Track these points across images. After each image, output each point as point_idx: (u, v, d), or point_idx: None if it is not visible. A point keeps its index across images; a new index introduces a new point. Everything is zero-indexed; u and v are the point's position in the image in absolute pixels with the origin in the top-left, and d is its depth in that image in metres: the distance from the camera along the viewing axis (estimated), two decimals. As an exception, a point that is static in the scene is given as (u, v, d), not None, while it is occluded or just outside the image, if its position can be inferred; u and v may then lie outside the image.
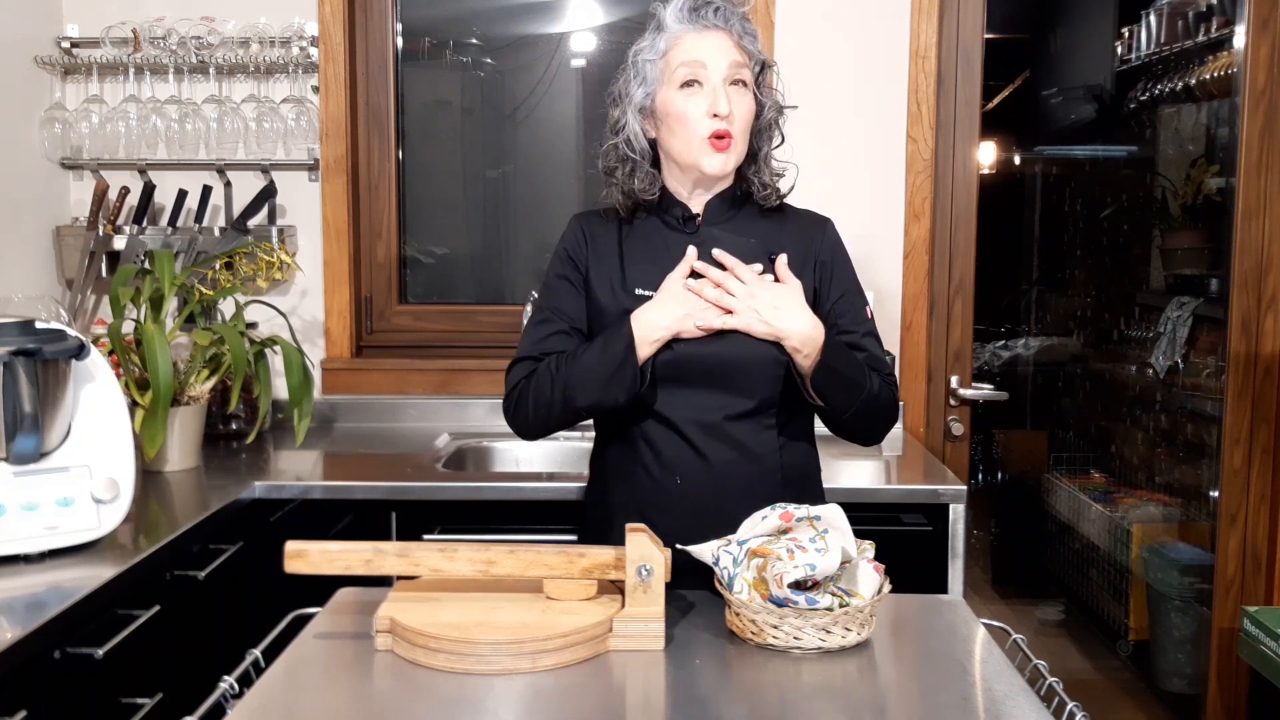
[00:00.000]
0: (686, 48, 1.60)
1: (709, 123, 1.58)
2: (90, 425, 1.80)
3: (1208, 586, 2.92)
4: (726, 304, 1.57)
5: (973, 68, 2.79)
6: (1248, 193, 2.73)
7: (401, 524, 2.23)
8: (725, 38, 1.60)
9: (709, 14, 1.60)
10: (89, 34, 2.78)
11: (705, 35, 1.60)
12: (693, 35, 1.60)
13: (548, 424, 1.65)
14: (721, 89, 1.58)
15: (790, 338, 1.57)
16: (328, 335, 2.86)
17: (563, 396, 1.60)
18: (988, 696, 1.26)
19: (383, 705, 1.23)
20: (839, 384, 1.60)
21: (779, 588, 1.33)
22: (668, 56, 1.61)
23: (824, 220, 1.73)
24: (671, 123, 1.61)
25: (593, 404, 1.60)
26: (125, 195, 2.73)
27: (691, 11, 1.61)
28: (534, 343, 1.67)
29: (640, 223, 1.69)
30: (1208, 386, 3.21)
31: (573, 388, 1.59)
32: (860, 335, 1.67)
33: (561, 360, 1.61)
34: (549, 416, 1.63)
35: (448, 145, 3.07)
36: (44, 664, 1.49)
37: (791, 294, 1.59)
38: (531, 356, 1.66)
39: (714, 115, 1.58)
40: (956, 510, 2.21)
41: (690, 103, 1.59)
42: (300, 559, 1.39)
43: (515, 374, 1.67)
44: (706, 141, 1.59)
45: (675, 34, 1.61)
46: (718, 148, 1.59)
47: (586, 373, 1.58)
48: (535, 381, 1.63)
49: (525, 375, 1.65)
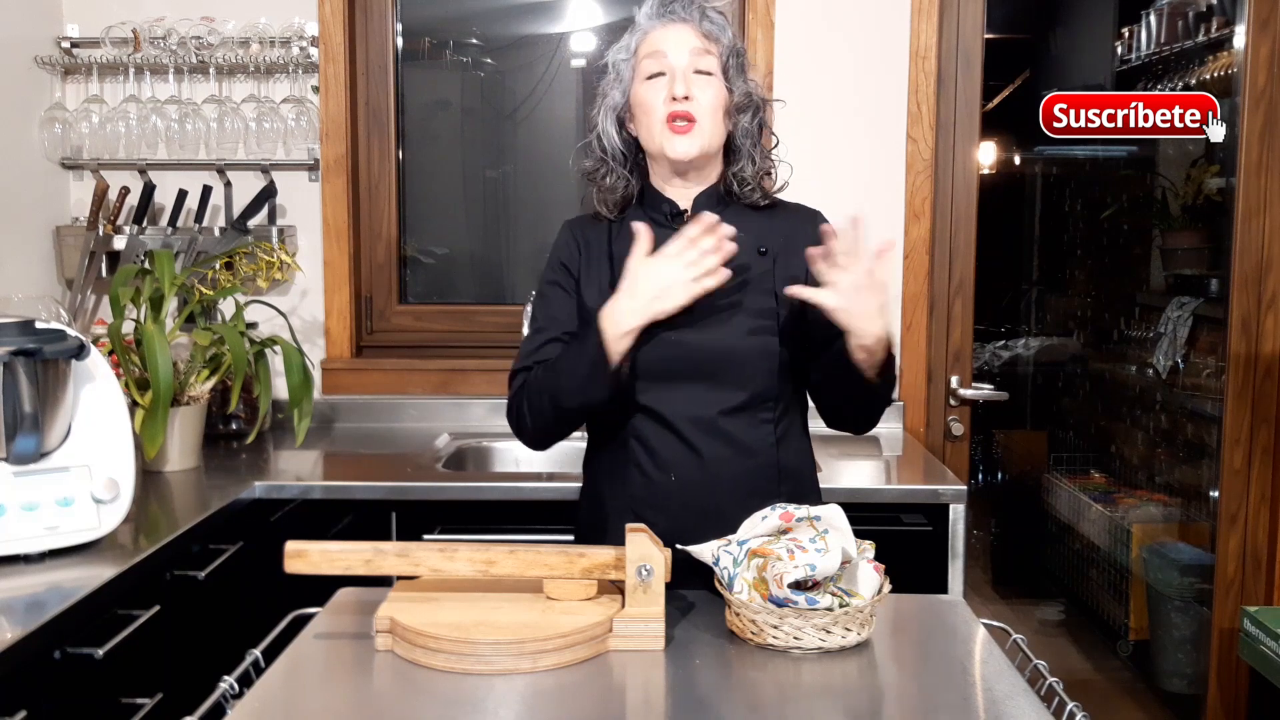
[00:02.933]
0: (651, 41, 1.64)
1: (667, 106, 1.60)
2: (90, 425, 1.80)
3: (1208, 586, 2.92)
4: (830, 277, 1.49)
5: (973, 68, 2.79)
6: (1248, 193, 2.73)
7: (401, 524, 2.23)
8: (688, 29, 1.63)
9: (676, 7, 1.65)
10: (89, 34, 2.78)
11: (669, 28, 1.64)
12: (658, 29, 1.64)
13: (548, 431, 1.66)
14: (681, 75, 1.60)
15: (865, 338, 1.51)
16: (328, 335, 2.86)
17: (551, 402, 1.60)
18: (988, 696, 1.26)
19: (383, 705, 1.23)
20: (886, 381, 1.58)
21: (779, 588, 1.33)
22: (637, 53, 1.65)
23: (815, 213, 1.73)
24: (639, 113, 1.65)
25: (579, 405, 1.60)
26: (125, 195, 2.73)
27: (660, 6, 1.65)
28: (528, 353, 1.67)
29: (628, 222, 1.69)
30: (1208, 386, 3.21)
31: (558, 392, 1.59)
32: None
33: (547, 367, 1.62)
34: (547, 424, 1.64)
35: (448, 145, 3.07)
36: (44, 664, 1.49)
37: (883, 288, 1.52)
38: (526, 368, 1.66)
39: (673, 99, 1.60)
40: (956, 510, 2.21)
41: (652, 91, 1.62)
42: (300, 559, 1.39)
43: (513, 386, 1.67)
44: (666, 125, 1.60)
45: (644, 31, 1.66)
46: (678, 130, 1.60)
47: (567, 376, 1.58)
48: (528, 391, 1.63)
49: (520, 386, 1.65)
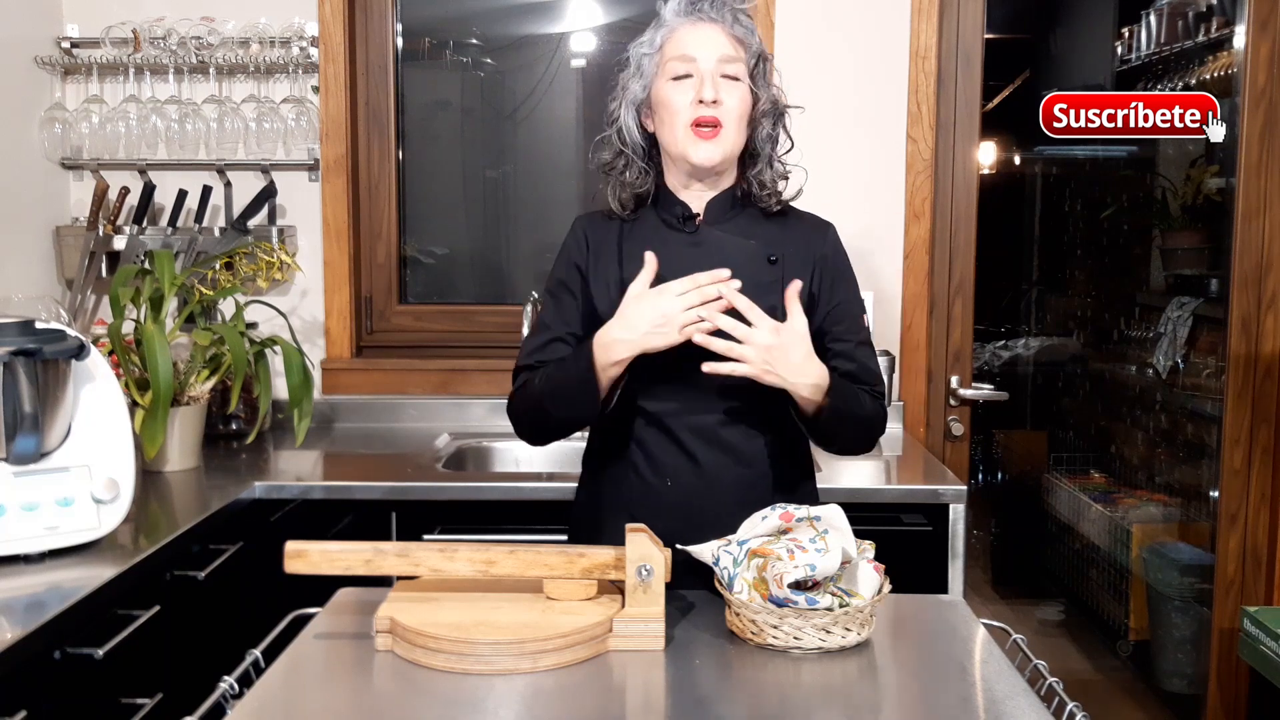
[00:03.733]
0: (679, 40, 1.61)
1: (694, 110, 1.58)
2: (90, 425, 1.79)
3: (1208, 586, 2.92)
4: (736, 352, 1.50)
5: (973, 68, 2.79)
6: (1248, 193, 2.73)
7: (401, 524, 2.23)
8: (718, 30, 1.61)
9: (705, 6, 1.62)
10: (89, 34, 2.78)
11: (698, 28, 1.61)
12: (686, 28, 1.61)
13: (544, 433, 1.67)
14: (709, 79, 1.58)
15: (799, 389, 1.53)
16: (328, 335, 2.86)
17: (541, 410, 1.61)
18: (988, 696, 1.26)
19: (383, 705, 1.23)
20: (839, 419, 1.57)
21: (779, 588, 1.33)
22: (662, 50, 1.62)
23: (827, 225, 1.72)
24: (662, 113, 1.62)
25: (568, 419, 1.62)
26: (125, 195, 2.73)
27: (689, 4, 1.62)
28: (529, 352, 1.68)
29: (640, 221, 1.69)
30: (1208, 386, 3.21)
31: (548, 402, 1.60)
32: (854, 345, 1.66)
33: (545, 375, 1.62)
34: (543, 427, 1.65)
35: (448, 145, 3.07)
36: (44, 664, 1.49)
37: (799, 340, 1.52)
38: (529, 366, 1.67)
39: (699, 102, 1.58)
40: (956, 510, 2.21)
41: (678, 92, 1.60)
42: (300, 559, 1.39)
43: (515, 383, 1.68)
44: (690, 129, 1.59)
45: (670, 27, 1.63)
46: (702, 135, 1.59)
47: (557, 389, 1.59)
48: (526, 392, 1.64)
49: (520, 385, 1.66)
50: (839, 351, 1.64)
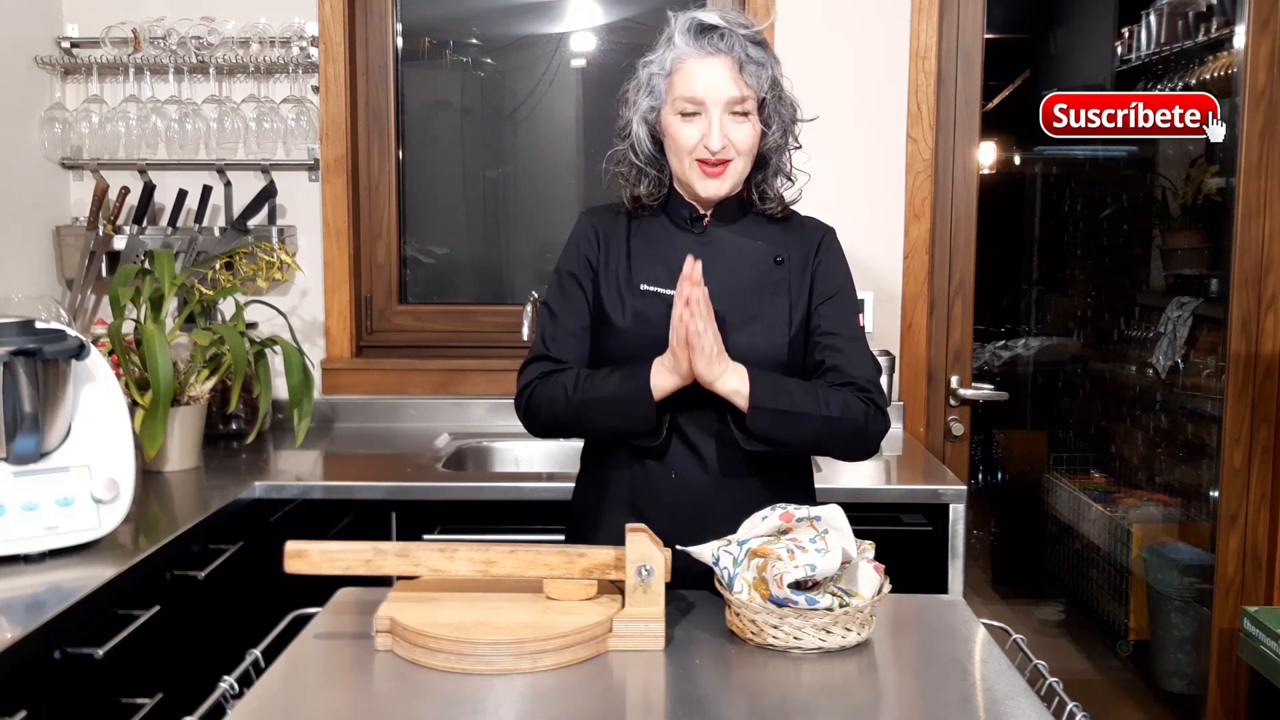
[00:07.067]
0: (688, 77, 1.57)
1: (702, 151, 1.59)
2: (90, 425, 1.80)
3: (1208, 586, 2.92)
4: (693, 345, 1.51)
5: (973, 68, 2.79)
6: (1248, 193, 2.73)
7: (401, 524, 2.23)
8: (727, 67, 1.56)
9: (715, 39, 1.57)
10: (89, 34, 2.78)
11: (707, 62, 1.57)
12: (695, 61, 1.57)
13: (558, 432, 1.69)
14: (718, 121, 1.57)
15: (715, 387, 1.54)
16: (328, 335, 2.86)
17: (577, 417, 1.61)
18: (988, 696, 1.26)
19: (383, 705, 1.23)
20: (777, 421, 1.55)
21: (779, 588, 1.33)
22: (671, 78, 1.60)
23: (828, 228, 1.73)
24: (669, 143, 1.63)
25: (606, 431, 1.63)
26: (125, 195, 2.73)
27: (699, 33, 1.58)
28: (544, 342, 1.68)
29: (649, 219, 1.69)
30: (1208, 386, 3.21)
31: (588, 413, 1.60)
32: (843, 339, 1.63)
33: (581, 381, 1.60)
34: (560, 428, 1.66)
35: (448, 145, 3.07)
36: (44, 664, 1.49)
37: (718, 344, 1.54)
38: (544, 356, 1.66)
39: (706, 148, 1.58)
40: (956, 510, 2.21)
41: (686, 129, 1.59)
42: (300, 559, 1.39)
43: (528, 374, 1.66)
44: (698, 166, 1.60)
45: (680, 55, 1.59)
46: (709, 174, 1.60)
47: (604, 405, 1.58)
48: (550, 391, 1.62)
49: (538, 376, 1.64)
50: (827, 344, 1.63)
